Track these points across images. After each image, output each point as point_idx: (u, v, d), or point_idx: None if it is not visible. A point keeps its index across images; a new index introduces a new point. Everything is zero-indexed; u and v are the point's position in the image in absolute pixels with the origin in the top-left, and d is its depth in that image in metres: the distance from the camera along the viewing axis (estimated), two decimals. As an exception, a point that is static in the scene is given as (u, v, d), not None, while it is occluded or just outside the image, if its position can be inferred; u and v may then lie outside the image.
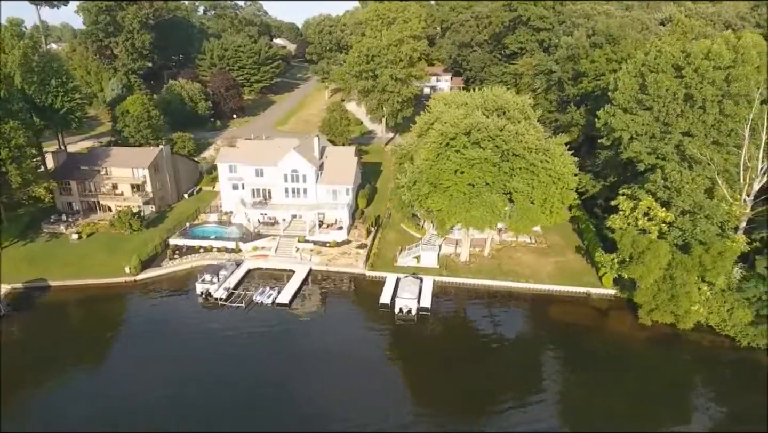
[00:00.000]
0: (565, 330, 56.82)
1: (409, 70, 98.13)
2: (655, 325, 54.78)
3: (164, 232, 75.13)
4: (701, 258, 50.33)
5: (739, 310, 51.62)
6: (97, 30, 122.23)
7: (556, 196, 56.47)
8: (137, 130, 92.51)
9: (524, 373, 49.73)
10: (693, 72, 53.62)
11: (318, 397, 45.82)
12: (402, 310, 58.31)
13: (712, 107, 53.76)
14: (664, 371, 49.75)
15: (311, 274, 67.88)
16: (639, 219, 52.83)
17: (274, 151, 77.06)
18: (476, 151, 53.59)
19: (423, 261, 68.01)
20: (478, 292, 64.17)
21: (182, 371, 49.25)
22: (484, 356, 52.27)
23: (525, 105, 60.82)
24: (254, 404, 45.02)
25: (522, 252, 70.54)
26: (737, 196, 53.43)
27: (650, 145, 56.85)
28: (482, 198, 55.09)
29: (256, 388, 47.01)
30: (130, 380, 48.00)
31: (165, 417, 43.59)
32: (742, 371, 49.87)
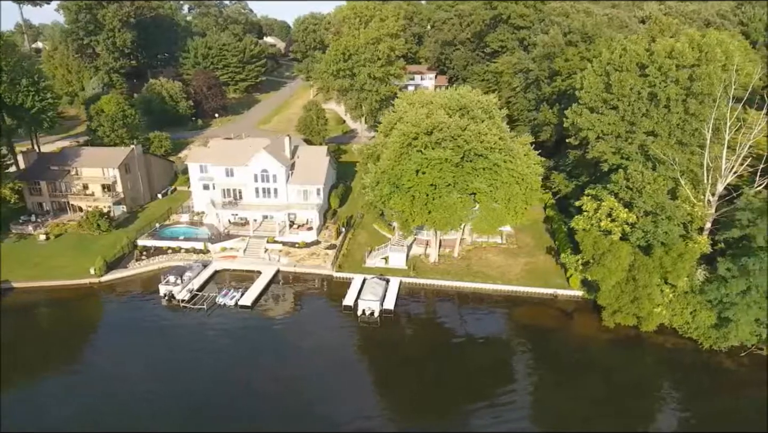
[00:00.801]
0: (530, 332, 56.24)
1: (387, 68, 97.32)
2: (619, 327, 54.12)
3: (134, 232, 74.41)
4: (662, 260, 49.61)
5: (701, 312, 50.90)
6: (77, 28, 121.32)
7: (520, 196, 55.72)
8: (112, 130, 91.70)
9: (484, 375, 48.92)
10: (656, 71, 52.82)
11: (266, 402, 45.09)
12: (365, 312, 57.65)
13: (676, 106, 52.99)
14: (627, 374, 49.20)
15: (278, 275, 67.20)
16: (602, 220, 52.05)
17: (244, 151, 76.31)
18: (437, 152, 52.85)
19: (391, 262, 67.33)
20: (446, 293, 63.49)
21: (134, 375, 48.58)
22: (444, 358, 51.53)
23: (490, 104, 60.02)
24: (194, 410, 44.20)
25: (492, 253, 69.83)
26: (701, 196, 52.67)
27: (615, 145, 56.06)
28: (443, 199, 54.31)
29: (201, 394, 46.04)
30: (76, 384, 47.29)
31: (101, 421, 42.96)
32: (704, 375, 49.20)
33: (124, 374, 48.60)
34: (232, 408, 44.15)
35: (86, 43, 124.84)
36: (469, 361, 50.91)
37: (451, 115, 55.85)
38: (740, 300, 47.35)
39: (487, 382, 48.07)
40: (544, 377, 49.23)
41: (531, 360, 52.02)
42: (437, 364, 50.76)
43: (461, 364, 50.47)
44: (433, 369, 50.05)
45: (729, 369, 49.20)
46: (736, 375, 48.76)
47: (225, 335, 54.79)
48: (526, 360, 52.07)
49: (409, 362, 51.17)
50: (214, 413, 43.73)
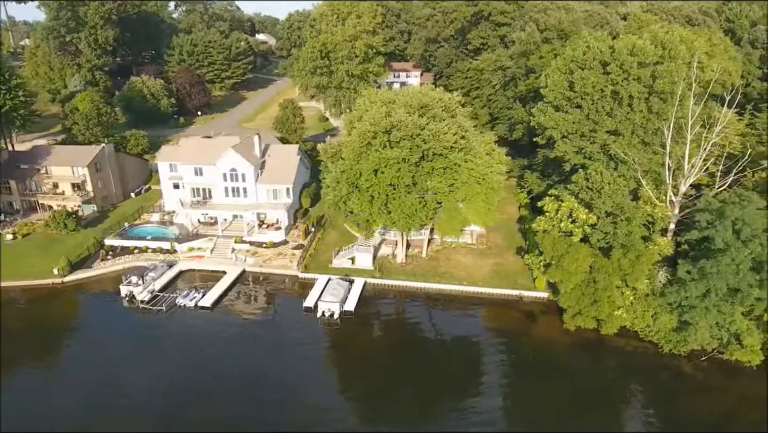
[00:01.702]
0: (491, 335, 55.36)
1: (366, 66, 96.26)
2: (580, 330, 53.12)
3: (102, 232, 73.78)
4: (620, 262, 48.59)
5: (663, 315, 49.93)
6: (58, 25, 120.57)
7: (481, 196, 54.76)
8: (87, 128, 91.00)
9: (438, 379, 47.92)
10: (618, 68, 51.67)
11: (210, 406, 44.34)
12: (324, 313, 56.86)
13: (639, 105, 51.85)
14: (584, 378, 48.21)
15: (244, 275, 66.50)
16: (562, 221, 51.01)
17: (214, 150, 75.44)
18: (394, 151, 51.90)
19: (358, 262, 66.49)
20: (411, 294, 62.63)
21: (82, 377, 47.96)
22: (399, 361, 50.70)
23: (452, 102, 58.99)
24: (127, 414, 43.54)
25: (461, 253, 68.88)
26: (662, 197, 51.58)
27: (577, 144, 54.99)
28: (401, 200, 53.40)
29: (138, 398, 45.33)
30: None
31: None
32: (662, 380, 48.17)
33: (62, 375, 47.95)
34: (173, 412, 43.42)
35: (68, 41, 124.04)
36: (425, 365, 49.96)
37: (411, 113, 54.79)
38: (699, 303, 46.30)
39: (440, 385, 47.12)
40: (501, 381, 48.36)
41: (489, 364, 51.05)
42: (392, 367, 49.98)
43: (416, 367, 49.54)
44: (387, 372, 49.29)
45: (688, 374, 48.17)
46: (694, 380, 47.75)
47: (178, 337, 54.09)
48: (484, 364, 51.13)
49: (363, 365, 50.42)
50: (149, 415, 43.06)
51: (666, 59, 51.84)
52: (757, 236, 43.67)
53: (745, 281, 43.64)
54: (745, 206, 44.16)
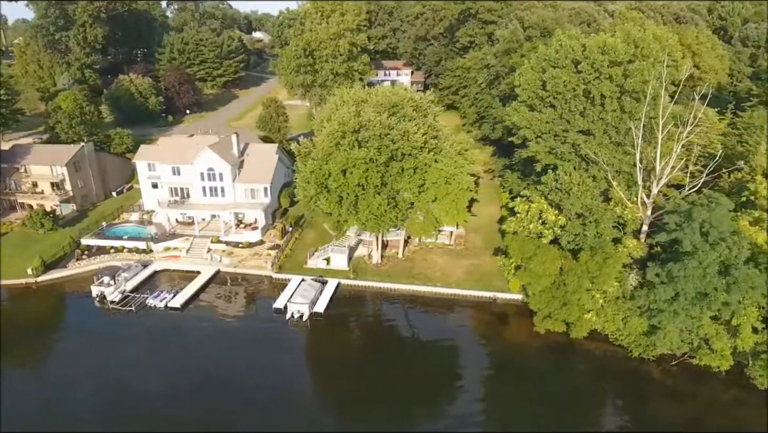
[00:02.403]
0: (461, 337, 54.64)
1: (350, 64, 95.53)
2: (550, 333, 52.29)
3: (79, 231, 73.51)
4: (587, 264, 47.75)
5: (633, 319, 49.05)
6: (47, 23, 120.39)
7: (451, 197, 54.02)
8: (70, 127, 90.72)
9: (404, 382, 47.15)
10: (589, 67, 50.73)
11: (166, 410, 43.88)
12: (294, 315, 56.31)
13: (611, 104, 50.90)
14: (553, 382, 47.42)
15: (218, 276, 66.03)
16: (532, 222, 50.19)
17: (191, 149, 74.92)
18: (361, 151, 51.25)
19: (333, 263, 65.91)
20: (384, 295, 62.02)
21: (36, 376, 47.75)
22: (366, 365, 50.15)
23: (424, 102, 58.24)
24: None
25: (438, 254, 68.14)
26: (634, 198, 50.65)
27: (549, 144, 54.12)
28: (369, 201, 52.75)
29: (95, 400, 44.94)
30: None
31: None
32: (631, 384, 47.35)
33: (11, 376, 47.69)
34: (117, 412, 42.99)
35: (57, 39, 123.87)
36: (391, 367, 49.31)
37: (380, 113, 54.11)
38: (667, 307, 45.40)
39: (406, 388, 46.35)
40: (469, 385, 47.63)
41: (458, 367, 50.46)
42: (357, 369, 49.39)
43: (383, 370, 48.97)
44: (351, 375, 48.71)
45: (656, 379, 47.32)
46: (662, 385, 46.87)
47: (142, 338, 53.74)
48: (453, 367, 50.47)
49: (327, 367, 49.86)
50: (106, 416, 42.68)
51: (638, 58, 50.85)
52: (725, 239, 42.71)
53: (711, 285, 42.71)
54: (713, 209, 43.21)
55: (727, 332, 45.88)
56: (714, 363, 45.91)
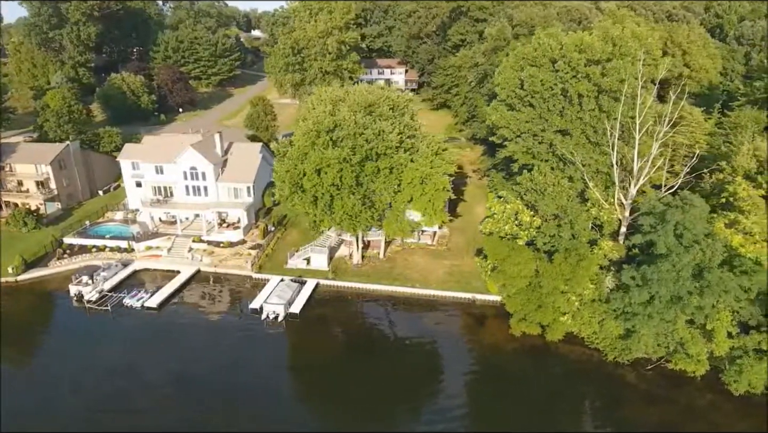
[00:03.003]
0: (438, 338, 54.05)
1: (339, 62, 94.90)
2: (526, 335, 51.54)
3: (61, 230, 73.40)
4: (561, 266, 46.95)
5: (608, 322, 48.21)
6: (40, 22, 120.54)
7: (427, 197, 53.34)
8: (58, 125, 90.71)
9: (373, 386, 46.63)
10: (566, 66, 49.85)
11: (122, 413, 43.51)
12: (269, 315, 55.87)
13: (588, 103, 49.99)
14: (526, 385, 46.79)
15: (198, 275, 65.75)
16: (507, 223, 49.41)
17: (175, 148, 74.60)
18: (335, 151, 50.67)
19: (313, 263, 65.43)
20: (362, 296, 61.50)
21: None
22: (337, 366, 49.60)
23: (401, 101, 57.56)
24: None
25: (419, 254, 67.48)
26: (611, 199, 49.73)
27: (526, 144, 53.28)
28: (343, 201, 52.18)
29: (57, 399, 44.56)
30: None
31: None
32: (604, 388, 46.52)
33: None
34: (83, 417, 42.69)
35: (51, 37, 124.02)
36: (364, 370, 48.73)
37: (356, 112, 53.47)
38: (642, 310, 44.52)
39: (378, 390, 45.76)
40: (441, 387, 47.07)
41: (431, 370, 49.78)
42: (328, 371, 48.84)
43: (355, 373, 48.41)
44: (321, 376, 48.23)
45: (630, 383, 46.42)
46: (636, 390, 45.95)
47: (114, 338, 53.51)
48: (425, 369, 49.79)
49: (297, 369, 49.41)
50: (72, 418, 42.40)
51: (616, 56, 49.90)
52: (699, 242, 41.80)
53: (685, 288, 41.80)
54: (687, 210, 42.29)
55: (704, 336, 44.94)
56: (690, 368, 45.00)
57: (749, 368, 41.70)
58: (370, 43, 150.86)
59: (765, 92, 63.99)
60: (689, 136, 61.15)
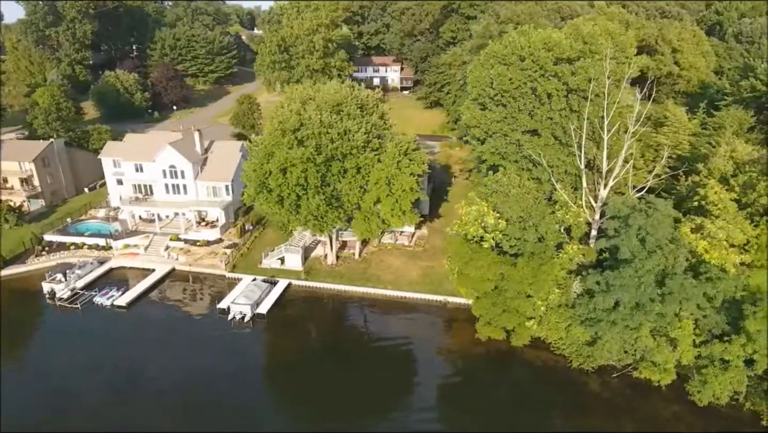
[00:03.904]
0: (405, 341, 53.12)
1: (326, 60, 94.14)
2: (494, 340, 50.35)
3: (48, 227, 73.77)
4: (523, 270, 45.77)
5: (575, 328, 46.93)
6: (36, 19, 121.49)
7: (394, 197, 52.44)
8: (46, 123, 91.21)
9: (336, 387, 45.75)
10: (533, 64, 48.50)
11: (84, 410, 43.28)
12: (236, 316, 55.43)
13: (558, 103, 48.59)
14: (487, 391, 45.72)
15: (172, 274, 65.58)
16: (471, 226, 48.28)
17: (155, 147, 74.49)
18: (298, 150, 49.97)
19: (287, 263, 64.91)
20: (334, 297, 60.87)
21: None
22: (297, 369, 48.89)
23: (369, 99, 56.65)
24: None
25: (395, 256, 66.59)
26: (580, 202, 48.31)
27: (495, 144, 52.02)
28: (308, 201, 51.50)
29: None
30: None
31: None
32: (565, 396, 45.16)
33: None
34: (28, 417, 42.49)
35: (47, 35, 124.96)
36: (319, 374, 47.70)
37: (322, 111, 52.66)
38: (606, 316, 43.23)
39: (337, 394, 45.01)
40: (400, 393, 46.13)
41: (394, 373, 48.81)
42: (287, 375, 48.29)
43: (313, 374, 47.68)
44: (279, 381, 47.71)
45: (593, 391, 45.15)
46: (599, 399, 44.67)
47: (78, 336, 53.50)
48: (388, 372, 48.76)
49: (255, 369, 48.78)
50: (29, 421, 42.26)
51: (586, 54, 48.44)
52: (661, 247, 40.38)
53: (647, 295, 40.41)
54: (651, 214, 40.87)
55: (671, 344, 43.51)
56: (655, 377, 43.56)
57: (714, 379, 40.20)
58: (367, 40, 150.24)
59: (751, 92, 61.89)
60: (672, 137, 59.50)
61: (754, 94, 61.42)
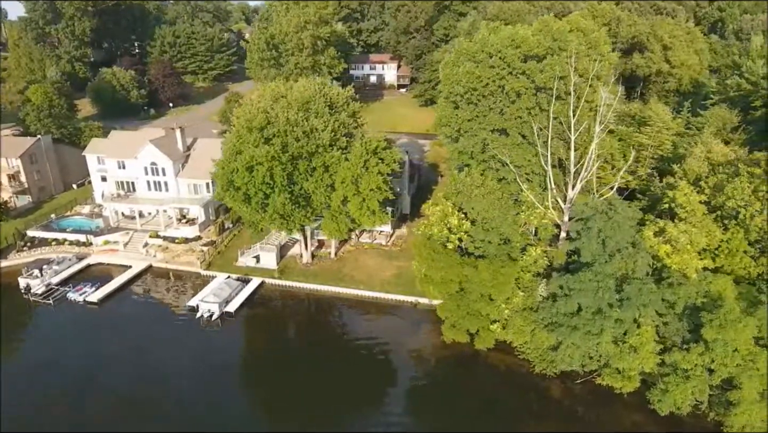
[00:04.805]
0: (370, 341, 52.47)
1: (316, 58, 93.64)
2: (459, 343, 49.41)
3: (25, 223, 74.45)
4: (484, 273, 44.74)
5: (539, 332, 45.82)
6: (36, 17, 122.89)
7: (361, 196, 51.73)
8: (38, 119, 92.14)
9: (295, 388, 45.31)
10: (500, 61, 47.34)
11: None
12: (204, 314, 55.27)
13: (527, 102, 47.37)
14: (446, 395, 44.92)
15: (149, 271, 65.76)
16: (434, 227, 47.38)
17: (139, 144, 74.74)
18: (263, 149, 49.53)
19: (262, 261, 64.67)
20: (306, 297, 60.48)
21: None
22: (257, 370, 48.72)
23: (340, 97, 55.95)
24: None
25: (371, 255, 65.92)
26: (547, 203, 47.06)
27: (463, 144, 50.96)
28: (273, 200, 51.06)
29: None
30: None
31: None
32: (524, 402, 44.14)
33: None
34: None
35: (47, 32, 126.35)
36: (280, 374, 47.42)
37: (290, 109, 52.13)
38: (567, 321, 42.10)
39: (291, 397, 44.61)
40: (360, 395, 45.51)
41: (352, 376, 47.77)
42: (248, 374, 48.01)
43: (275, 375, 47.35)
44: (240, 380, 47.42)
45: (553, 398, 44.07)
46: (559, 406, 43.57)
47: (43, 332, 53.96)
48: (349, 373, 48.03)
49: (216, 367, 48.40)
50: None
51: (555, 51, 47.11)
52: (620, 251, 39.11)
53: (605, 300, 39.19)
54: (611, 216, 39.62)
55: (635, 351, 42.16)
56: (617, 384, 42.29)
57: (675, 388, 38.82)
58: (366, 38, 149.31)
59: (737, 90, 59.86)
60: (654, 136, 57.97)
61: (740, 93, 59.37)
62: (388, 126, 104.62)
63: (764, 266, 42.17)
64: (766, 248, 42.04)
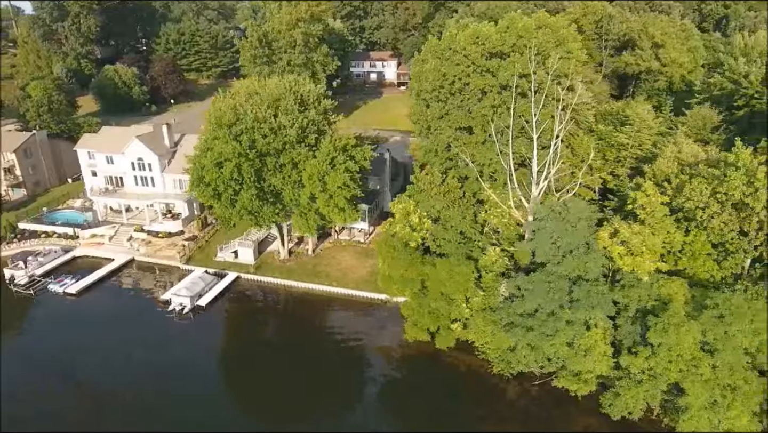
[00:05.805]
0: (335, 338, 53.28)
1: (308, 55, 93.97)
2: (421, 341, 49.25)
3: (16, 216, 76.34)
4: (440, 272, 44.51)
5: (499, 332, 45.38)
6: (43, 14, 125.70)
7: (327, 194, 51.89)
8: (38, 115, 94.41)
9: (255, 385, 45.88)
10: (465, 58, 46.93)
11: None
12: (176, 308, 56.12)
13: (491, 99, 46.90)
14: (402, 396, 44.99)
15: (131, 264, 66.99)
16: (397, 225, 47.29)
17: (125, 139, 76.06)
18: (231, 145, 50.02)
19: (240, 257, 65.37)
20: (280, 292, 61.04)
21: None
22: (223, 365, 49.30)
23: (311, 94, 56.09)
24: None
25: (348, 252, 66.11)
26: (509, 203, 46.51)
27: (429, 142, 50.72)
28: (242, 196, 51.56)
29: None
30: None
31: None
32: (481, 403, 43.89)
33: None
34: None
35: (54, 29, 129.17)
36: (244, 370, 47.91)
37: (259, 106, 52.52)
38: (522, 322, 41.67)
39: (247, 394, 45.16)
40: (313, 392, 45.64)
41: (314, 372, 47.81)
42: (215, 369, 48.63)
43: (235, 372, 47.95)
44: (205, 375, 47.96)
45: (509, 399, 43.73)
46: (512, 408, 43.20)
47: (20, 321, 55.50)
48: (309, 369, 48.09)
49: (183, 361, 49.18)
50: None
51: (520, 49, 46.51)
52: (572, 251, 38.53)
53: (555, 301, 38.68)
54: (564, 217, 39.07)
55: (587, 354, 41.46)
56: (572, 387, 41.69)
57: (626, 391, 38.14)
58: (369, 35, 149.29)
59: (720, 89, 58.29)
60: (634, 136, 56.84)
61: (722, 92, 57.82)
62: (388, 124, 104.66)
63: (728, 269, 41.16)
64: (730, 251, 41.00)
